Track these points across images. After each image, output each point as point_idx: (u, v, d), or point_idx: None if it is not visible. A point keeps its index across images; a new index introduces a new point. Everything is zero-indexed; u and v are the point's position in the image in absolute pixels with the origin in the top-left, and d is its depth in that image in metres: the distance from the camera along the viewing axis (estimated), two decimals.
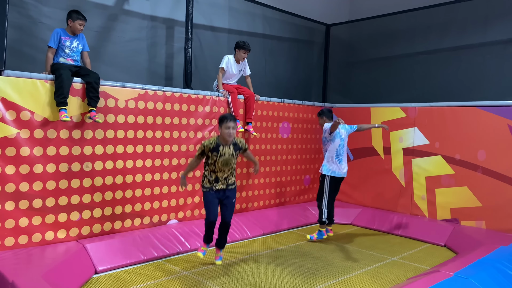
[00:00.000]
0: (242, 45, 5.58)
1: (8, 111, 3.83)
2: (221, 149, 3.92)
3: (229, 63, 5.59)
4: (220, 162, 3.92)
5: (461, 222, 5.72)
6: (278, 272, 4.19)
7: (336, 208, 6.68)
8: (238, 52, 5.60)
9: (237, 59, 5.65)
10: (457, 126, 5.81)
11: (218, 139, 3.98)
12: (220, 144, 3.94)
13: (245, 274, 4.09)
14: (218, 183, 3.98)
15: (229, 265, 4.33)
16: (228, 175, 4.04)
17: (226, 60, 5.57)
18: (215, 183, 3.98)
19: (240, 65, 5.75)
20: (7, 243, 3.87)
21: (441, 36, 7.05)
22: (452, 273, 3.63)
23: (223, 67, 5.55)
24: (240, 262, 4.45)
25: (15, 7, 4.63)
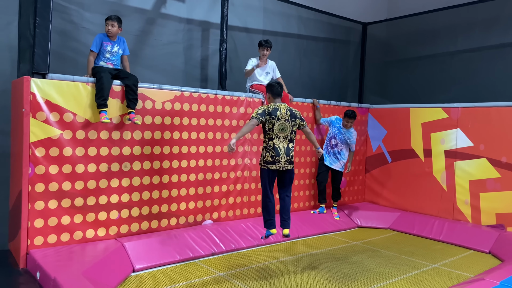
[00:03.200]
0: (260, 43, 5.57)
1: (52, 113, 3.99)
2: (278, 113, 3.71)
3: (252, 64, 5.58)
4: (278, 126, 3.67)
5: (507, 228, 5.42)
6: (313, 276, 4.12)
7: (373, 211, 6.56)
8: (259, 51, 5.61)
9: (260, 59, 5.63)
10: (503, 127, 5.51)
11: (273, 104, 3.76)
12: (278, 109, 3.72)
13: (280, 278, 4.04)
14: (279, 156, 3.62)
15: (264, 268, 4.30)
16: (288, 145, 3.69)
17: (250, 62, 5.58)
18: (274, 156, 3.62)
19: (266, 67, 5.71)
20: (49, 240, 4.03)
21: (485, 32, 6.74)
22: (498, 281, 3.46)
23: (247, 68, 5.55)
24: (275, 265, 4.41)
25: (58, 13, 4.82)
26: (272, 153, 3.56)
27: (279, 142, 3.60)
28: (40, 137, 3.93)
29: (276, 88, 3.76)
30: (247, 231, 5.11)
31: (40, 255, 3.76)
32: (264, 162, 3.57)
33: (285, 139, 3.66)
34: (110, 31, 4.38)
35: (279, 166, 3.55)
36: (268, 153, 3.57)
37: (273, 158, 3.56)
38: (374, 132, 7.11)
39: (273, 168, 3.55)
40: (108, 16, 4.41)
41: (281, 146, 3.60)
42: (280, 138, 3.62)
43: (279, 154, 3.57)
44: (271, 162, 3.54)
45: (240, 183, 5.41)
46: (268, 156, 3.57)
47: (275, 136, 3.61)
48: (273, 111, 3.66)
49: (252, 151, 5.51)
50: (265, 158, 3.57)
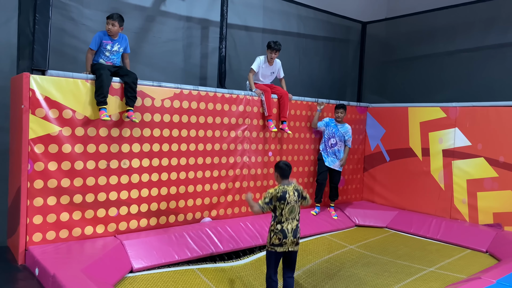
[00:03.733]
0: (270, 45, 5.54)
1: (51, 110, 3.99)
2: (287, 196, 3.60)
3: (260, 64, 5.58)
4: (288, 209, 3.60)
5: (505, 227, 5.45)
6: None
7: (371, 210, 6.58)
8: (268, 52, 5.58)
9: (268, 60, 5.63)
10: (501, 127, 5.54)
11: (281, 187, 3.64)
12: (286, 191, 3.62)
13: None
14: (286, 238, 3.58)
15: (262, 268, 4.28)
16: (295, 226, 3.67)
17: (258, 61, 5.57)
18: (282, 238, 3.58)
19: (273, 67, 5.72)
20: (48, 237, 4.03)
21: (484, 32, 6.75)
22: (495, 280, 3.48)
23: (253, 68, 5.56)
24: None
25: (58, 9, 4.82)
26: (279, 235, 3.56)
27: (287, 224, 3.59)
28: (39, 133, 3.93)
29: (286, 171, 3.69)
30: (245, 229, 5.11)
31: (39, 252, 3.77)
32: (271, 244, 3.58)
33: (293, 220, 3.65)
34: (110, 30, 4.35)
35: (286, 248, 3.58)
36: (275, 236, 3.57)
37: (280, 240, 3.56)
38: (372, 131, 7.12)
39: (280, 250, 3.57)
40: (110, 15, 4.37)
41: (289, 228, 3.59)
42: (289, 220, 3.62)
43: (286, 237, 3.57)
44: (278, 245, 3.56)
45: (238, 181, 5.42)
46: (276, 239, 3.57)
47: (284, 219, 3.61)
48: (282, 196, 3.58)
49: (251, 149, 5.52)
50: (272, 241, 3.58)
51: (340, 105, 6.15)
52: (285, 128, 5.67)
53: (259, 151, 5.62)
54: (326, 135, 6.15)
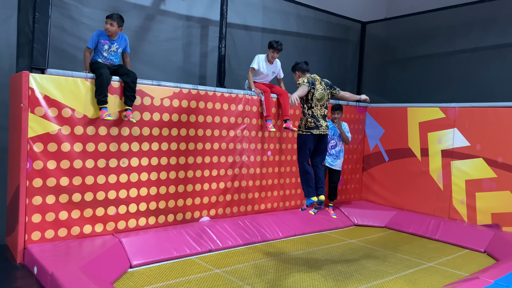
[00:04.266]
0: (272, 45, 5.53)
1: (51, 108, 3.99)
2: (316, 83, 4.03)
3: (260, 63, 5.57)
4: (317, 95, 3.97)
5: (503, 228, 5.46)
6: (310, 274, 4.14)
7: (370, 210, 6.59)
8: (269, 52, 5.57)
9: (269, 59, 5.62)
10: (500, 127, 5.54)
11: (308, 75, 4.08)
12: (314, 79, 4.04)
13: (276, 275, 4.06)
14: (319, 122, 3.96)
15: (260, 265, 4.32)
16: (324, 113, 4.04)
17: (257, 60, 5.56)
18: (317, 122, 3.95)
19: (273, 66, 5.71)
20: (47, 236, 4.04)
21: (483, 33, 6.76)
22: (492, 280, 3.49)
23: (253, 67, 5.55)
24: (272, 262, 4.43)
25: (58, 8, 4.81)
26: (314, 119, 3.93)
27: (317, 110, 3.96)
28: (38, 132, 3.93)
29: (303, 65, 4.19)
30: (244, 228, 5.13)
31: (38, 250, 3.77)
32: (307, 128, 3.88)
33: (322, 107, 4.08)
34: (108, 29, 4.33)
35: (322, 130, 3.86)
36: (310, 119, 3.88)
37: (315, 123, 3.90)
38: (371, 131, 7.13)
39: (316, 132, 3.90)
40: (109, 14, 4.36)
41: (318, 113, 3.99)
42: (318, 106, 3.95)
43: (319, 120, 3.95)
44: (314, 127, 3.86)
45: (237, 181, 5.43)
46: (311, 122, 3.95)
47: (314, 105, 3.88)
48: (312, 82, 4.01)
49: (250, 148, 5.52)
50: (308, 124, 3.91)
51: (336, 106, 6.15)
52: (290, 126, 5.63)
53: (258, 151, 5.62)
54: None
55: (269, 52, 5.56)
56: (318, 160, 3.96)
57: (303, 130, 3.86)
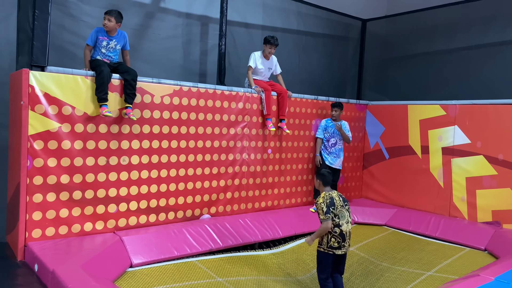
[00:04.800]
0: (269, 40, 5.53)
1: (51, 106, 3.99)
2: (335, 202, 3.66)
3: (256, 60, 5.58)
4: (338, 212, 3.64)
5: (503, 225, 5.46)
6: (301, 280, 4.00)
7: (370, 208, 6.58)
8: (265, 48, 5.58)
9: (265, 55, 5.63)
10: (500, 124, 5.54)
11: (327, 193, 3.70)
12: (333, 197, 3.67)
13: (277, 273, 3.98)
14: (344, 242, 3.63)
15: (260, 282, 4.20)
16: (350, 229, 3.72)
17: (254, 57, 5.58)
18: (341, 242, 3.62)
19: (269, 62, 5.71)
20: (48, 233, 4.04)
21: (484, 30, 6.75)
22: (493, 277, 3.49)
23: (250, 65, 5.56)
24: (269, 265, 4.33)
25: (57, 6, 4.81)
26: (339, 239, 3.59)
27: (345, 227, 3.63)
28: (39, 130, 3.93)
29: (328, 178, 3.76)
30: (244, 227, 5.12)
31: (38, 248, 3.77)
32: (329, 247, 3.57)
33: (348, 223, 3.70)
34: (106, 25, 4.32)
35: (344, 250, 3.61)
36: (334, 239, 3.59)
37: (339, 244, 3.60)
38: (372, 129, 7.12)
39: (338, 253, 3.59)
40: (108, 10, 4.37)
41: (346, 231, 3.64)
42: (344, 224, 3.64)
43: (345, 240, 3.62)
44: (337, 248, 3.57)
45: (238, 178, 5.43)
46: (335, 242, 3.59)
47: (340, 223, 3.62)
48: (331, 202, 3.64)
49: (250, 146, 5.52)
50: (330, 244, 3.58)
51: (335, 104, 6.14)
52: (284, 126, 5.68)
53: (259, 148, 5.62)
54: (326, 137, 6.15)
55: (266, 48, 5.56)
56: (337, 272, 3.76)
57: (324, 248, 3.63)
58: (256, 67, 5.60)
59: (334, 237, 3.58)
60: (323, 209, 3.58)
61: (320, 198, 3.64)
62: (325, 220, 3.56)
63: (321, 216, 3.59)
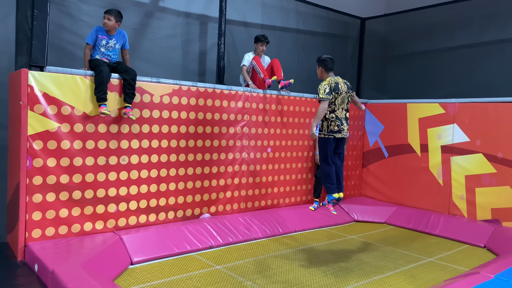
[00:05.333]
0: (259, 38, 5.59)
1: (50, 106, 3.98)
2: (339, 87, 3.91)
3: (249, 59, 5.63)
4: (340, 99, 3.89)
5: (503, 223, 5.47)
6: (310, 269, 4.15)
7: (370, 206, 6.59)
8: (257, 46, 5.63)
9: (257, 53, 5.66)
10: (500, 123, 5.55)
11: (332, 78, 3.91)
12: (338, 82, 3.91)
13: (277, 271, 4.08)
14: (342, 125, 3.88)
15: (261, 261, 4.33)
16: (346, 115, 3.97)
17: (247, 57, 5.64)
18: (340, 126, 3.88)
19: (262, 61, 5.77)
20: (47, 233, 4.04)
21: (483, 28, 6.75)
22: (493, 275, 3.49)
23: (244, 64, 5.62)
24: (272, 258, 4.44)
25: (56, 5, 4.80)
26: (337, 122, 3.87)
27: (339, 113, 3.91)
28: (38, 130, 3.93)
29: (330, 63, 4.03)
30: (244, 224, 5.13)
31: (38, 248, 3.77)
32: (330, 131, 3.82)
33: (343, 110, 3.93)
34: (106, 24, 4.33)
35: (344, 133, 3.82)
36: (333, 123, 3.88)
37: (338, 127, 3.87)
38: (371, 127, 7.13)
39: (338, 136, 3.86)
40: (107, 9, 4.38)
41: (342, 116, 3.93)
42: (340, 109, 3.85)
43: (342, 124, 3.91)
44: (337, 131, 3.81)
45: (237, 177, 5.43)
46: (334, 126, 3.90)
47: (337, 108, 3.80)
48: (336, 87, 3.89)
49: (250, 145, 5.52)
50: (331, 128, 3.82)
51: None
52: (285, 83, 5.60)
53: (258, 147, 5.62)
54: None
55: (257, 46, 5.63)
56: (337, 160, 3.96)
57: (325, 134, 3.83)
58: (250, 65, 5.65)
59: (333, 121, 3.86)
60: (325, 90, 3.83)
61: (325, 81, 3.77)
62: (323, 100, 3.78)
63: (320, 95, 3.75)
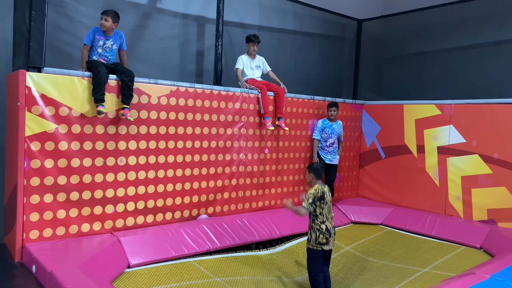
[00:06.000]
0: (250, 38, 5.63)
1: (48, 107, 3.99)
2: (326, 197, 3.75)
3: (243, 62, 5.66)
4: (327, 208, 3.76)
5: (499, 223, 5.51)
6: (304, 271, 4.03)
7: (367, 207, 6.61)
8: (249, 46, 5.67)
9: (249, 54, 5.70)
10: (495, 124, 5.58)
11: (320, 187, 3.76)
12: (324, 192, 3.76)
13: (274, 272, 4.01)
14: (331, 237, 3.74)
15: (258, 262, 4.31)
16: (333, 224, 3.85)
17: (240, 60, 5.66)
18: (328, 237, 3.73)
19: (256, 61, 5.78)
20: (45, 234, 4.03)
21: (479, 30, 6.80)
22: (488, 275, 3.52)
23: (238, 67, 5.64)
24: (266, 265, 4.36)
25: (54, 6, 4.80)
26: (326, 235, 3.72)
27: (329, 224, 3.76)
28: (36, 131, 3.92)
29: (320, 172, 3.89)
30: (241, 226, 5.14)
31: (36, 249, 3.77)
32: (318, 243, 3.69)
33: (332, 219, 3.84)
34: (103, 25, 4.34)
35: (331, 246, 3.73)
36: (322, 236, 3.72)
37: (327, 239, 3.73)
38: (368, 128, 7.16)
39: (326, 248, 3.71)
40: (104, 10, 4.39)
41: (330, 226, 3.77)
42: (329, 219, 3.78)
43: (331, 235, 3.74)
44: (325, 243, 3.71)
45: (235, 178, 5.44)
46: (323, 238, 3.72)
47: (325, 219, 3.72)
48: (322, 196, 3.74)
49: (247, 146, 5.54)
50: (319, 240, 3.70)
51: (333, 103, 6.18)
52: (282, 124, 5.70)
53: (256, 148, 5.63)
54: (324, 137, 6.17)
55: (249, 46, 5.66)
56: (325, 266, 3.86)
57: (313, 245, 3.71)
58: (244, 67, 5.67)
59: (322, 233, 3.72)
60: (309, 199, 3.73)
61: (313, 189, 3.75)
62: (305, 209, 3.71)
63: (304, 203, 3.72)
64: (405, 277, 4.36)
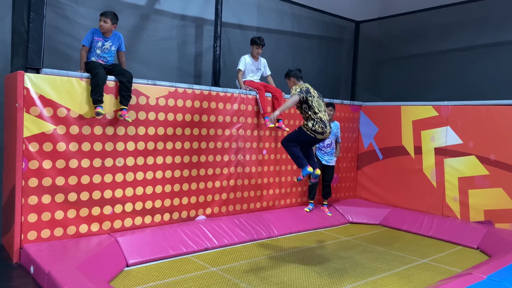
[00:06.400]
0: (255, 41, 5.67)
1: (46, 108, 3.99)
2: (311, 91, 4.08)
3: (245, 63, 5.69)
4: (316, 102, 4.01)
5: (495, 224, 5.53)
6: (305, 271, 4.18)
7: (364, 207, 6.64)
8: (253, 48, 5.69)
9: (253, 56, 5.73)
10: (492, 125, 5.61)
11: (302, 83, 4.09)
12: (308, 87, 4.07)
13: (272, 272, 4.10)
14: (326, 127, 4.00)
15: (256, 263, 4.36)
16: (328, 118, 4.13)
17: (243, 61, 5.68)
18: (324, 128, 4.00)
19: (258, 63, 5.81)
20: (43, 235, 4.04)
21: (476, 32, 6.83)
22: (485, 276, 3.53)
23: (240, 68, 5.67)
24: (267, 260, 4.46)
25: (52, 7, 4.80)
26: (321, 125, 3.96)
27: (322, 115, 4.01)
28: (34, 132, 3.93)
29: (297, 72, 4.23)
30: (239, 226, 5.15)
31: (34, 250, 3.77)
32: (313, 131, 3.91)
33: (325, 112, 4.11)
34: (102, 27, 4.36)
35: (325, 136, 3.93)
36: (318, 125, 3.97)
37: (322, 129, 3.96)
38: (365, 130, 7.18)
39: (320, 137, 3.96)
40: (103, 12, 4.40)
41: (325, 119, 4.04)
42: (322, 111, 4.05)
43: (326, 126, 4.00)
44: (320, 133, 3.90)
45: (233, 179, 5.45)
46: (319, 127, 3.98)
47: (318, 110, 3.98)
48: (307, 90, 4.04)
49: (246, 147, 5.55)
50: (314, 128, 3.94)
51: (329, 104, 6.22)
52: (282, 125, 5.70)
53: (254, 149, 5.65)
54: None
55: (253, 49, 5.68)
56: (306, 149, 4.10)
57: (308, 129, 3.91)
58: (246, 69, 5.70)
59: (317, 123, 3.95)
60: (296, 89, 3.98)
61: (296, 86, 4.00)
62: (296, 94, 3.98)
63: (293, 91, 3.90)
64: (404, 263, 4.56)
